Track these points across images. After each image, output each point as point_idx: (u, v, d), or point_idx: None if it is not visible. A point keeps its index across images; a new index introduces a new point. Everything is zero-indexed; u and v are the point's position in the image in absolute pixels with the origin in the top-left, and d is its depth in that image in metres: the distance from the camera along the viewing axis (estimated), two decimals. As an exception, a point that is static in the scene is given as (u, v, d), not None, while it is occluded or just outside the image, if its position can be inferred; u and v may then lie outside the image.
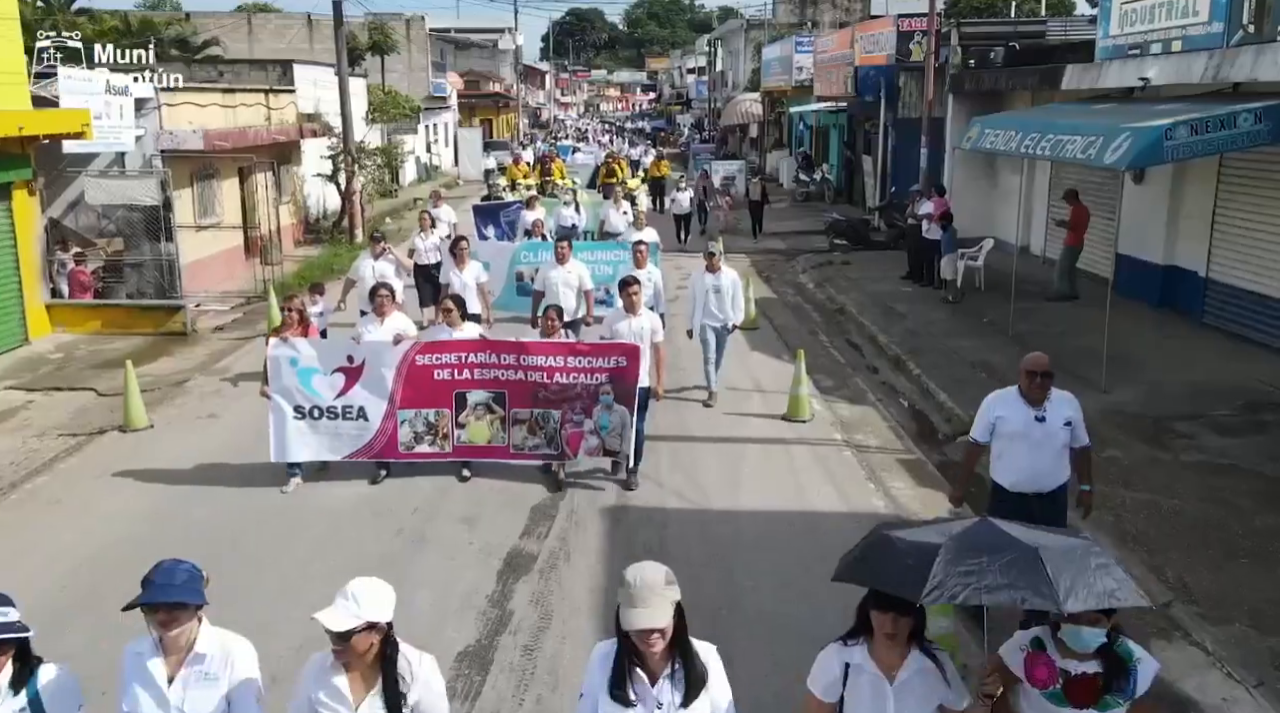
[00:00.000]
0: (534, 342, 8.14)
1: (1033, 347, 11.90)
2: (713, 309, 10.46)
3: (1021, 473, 5.82)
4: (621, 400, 7.99)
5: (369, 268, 11.02)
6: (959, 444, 9.55)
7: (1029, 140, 12.34)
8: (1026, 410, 5.76)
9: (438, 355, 8.04)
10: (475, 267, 11.19)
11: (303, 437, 8.15)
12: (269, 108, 22.42)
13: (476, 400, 8.14)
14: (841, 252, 20.09)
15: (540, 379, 8.02)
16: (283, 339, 8.13)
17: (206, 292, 18.33)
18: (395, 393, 8.08)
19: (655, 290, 10.69)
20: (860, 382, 11.79)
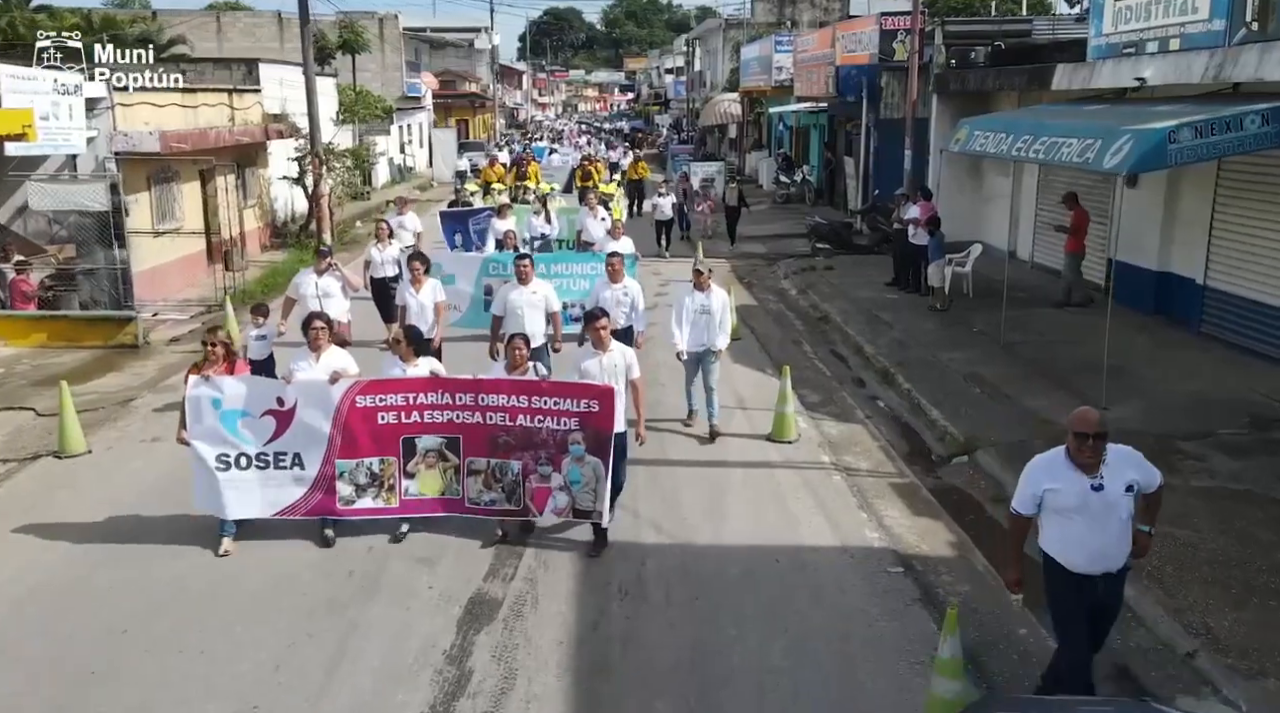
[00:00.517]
0: (493, 379, 7.14)
1: (1025, 357, 11.41)
2: (697, 331, 9.58)
3: (1084, 553, 4.92)
4: (595, 451, 6.94)
5: (311, 285, 10.03)
6: (954, 466, 9.05)
7: (1021, 143, 11.82)
8: (1080, 479, 4.87)
9: (382, 396, 7.07)
10: (432, 286, 10.10)
11: (230, 489, 7.11)
12: (233, 108, 21.65)
13: (427, 446, 7.16)
14: (824, 256, 19.55)
15: (500, 421, 7.05)
16: (204, 377, 7.09)
17: (165, 300, 17.57)
18: (333, 439, 7.08)
19: (632, 304, 9.89)
20: (847, 397, 11.23)
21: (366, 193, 33.59)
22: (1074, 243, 13.91)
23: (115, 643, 6.06)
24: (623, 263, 10.09)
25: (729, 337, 9.78)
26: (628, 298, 9.81)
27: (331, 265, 10.27)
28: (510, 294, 9.42)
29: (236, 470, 7.13)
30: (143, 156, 16.70)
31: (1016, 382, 10.92)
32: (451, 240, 16.96)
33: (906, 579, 6.78)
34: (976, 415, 9.98)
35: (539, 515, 7.22)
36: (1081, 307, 13.92)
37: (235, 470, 7.13)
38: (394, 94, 45.44)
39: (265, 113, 23.37)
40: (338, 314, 9.81)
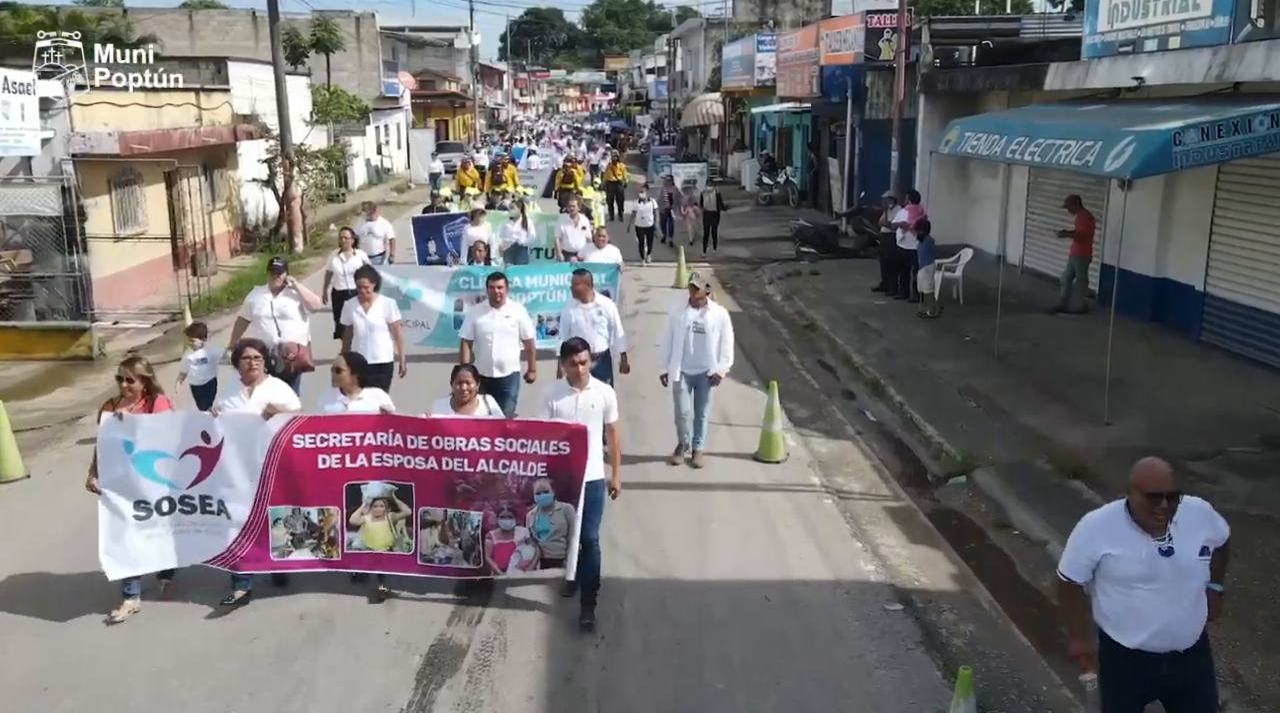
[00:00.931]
0: (451, 419, 6.30)
1: (1020, 367, 10.90)
2: (693, 353, 8.67)
3: (1148, 628, 4.10)
4: (565, 497, 6.15)
5: (266, 305, 9.05)
6: (951, 488, 8.55)
7: (1015, 145, 11.35)
8: (1145, 543, 4.06)
9: (323, 435, 6.23)
10: (384, 305, 9.07)
11: (146, 540, 6.29)
12: (200, 108, 20.96)
13: (374, 494, 6.31)
14: (809, 260, 19.06)
15: (459, 466, 6.20)
16: (116, 416, 6.21)
17: (127, 307, 16.93)
18: (266, 483, 6.26)
19: (609, 324, 8.99)
20: (837, 411, 10.72)
21: (342, 195, 32.89)
22: (1080, 247, 13.45)
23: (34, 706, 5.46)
24: (590, 282, 9.07)
25: (730, 360, 8.86)
26: (603, 318, 8.92)
27: (287, 282, 9.22)
28: (480, 318, 8.53)
29: (157, 517, 6.33)
30: (102, 158, 16.04)
31: (1013, 394, 10.44)
32: (424, 249, 16.20)
33: (906, 619, 6.26)
34: (973, 432, 9.49)
35: (502, 573, 6.40)
36: (1078, 313, 13.47)
37: (156, 517, 6.33)
38: (371, 94, 44.70)
39: (235, 113, 22.69)
40: (296, 336, 9.06)
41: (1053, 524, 7.42)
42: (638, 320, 14.72)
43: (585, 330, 8.52)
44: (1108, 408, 9.46)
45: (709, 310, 8.66)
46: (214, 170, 22.04)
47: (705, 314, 8.62)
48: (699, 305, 8.66)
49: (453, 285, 11.76)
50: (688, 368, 8.69)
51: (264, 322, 8.99)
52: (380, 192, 36.71)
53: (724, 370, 8.77)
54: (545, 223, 16.41)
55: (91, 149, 15.74)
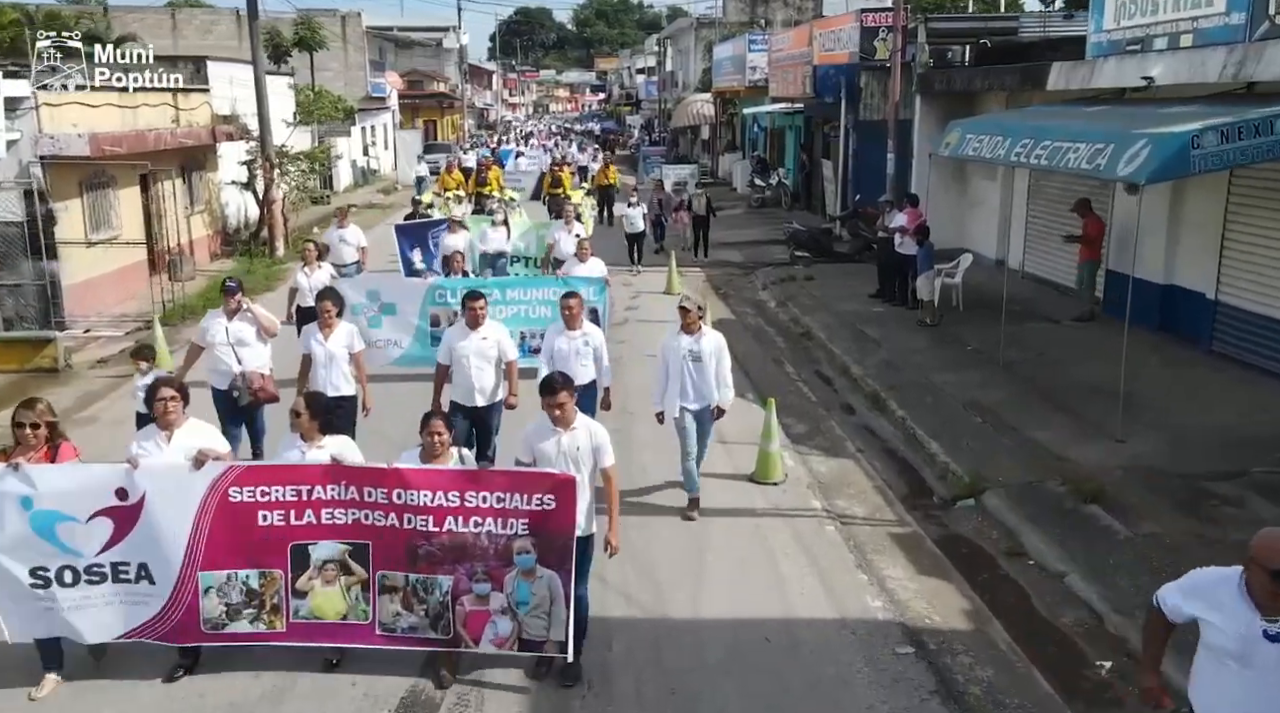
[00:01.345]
0: (414, 469, 5.41)
1: (1026, 379, 10.41)
2: (690, 385, 7.71)
3: (1233, 710, 3.63)
4: (549, 561, 5.30)
5: (221, 331, 8.16)
6: (960, 512, 8.07)
7: (1020, 148, 10.90)
8: (1250, 619, 3.51)
9: (265, 488, 5.36)
10: (347, 332, 8.14)
11: (51, 611, 5.43)
12: (177, 108, 20.38)
13: (325, 556, 5.44)
14: (803, 264, 18.60)
15: (423, 524, 5.32)
16: (12, 466, 5.28)
17: (99, 315, 16.37)
18: (196, 545, 5.39)
19: (595, 354, 8.08)
20: (836, 426, 10.24)
21: (326, 197, 32.35)
22: (1090, 252, 13.01)
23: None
24: (581, 305, 8.17)
25: (731, 391, 7.95)
26: (589, 348, 8.00)
27: (242, 305, 8.27)
28: (457, 341, 7.77)
29: (59, 589, 5.41)
30: (72, 161, 15.47)
31: (1020, 409, 9.98)
32: (408, 258, 15.39)
33: (919, 664, 5.77)
34: (980, 449, 9.02)
35: (474, 647, 5.51)
36: (1084, 321, 13.05)
37: (57, 589, 5.41)
38: (357, 94, 44.11)
39: (214, 114, 22.10)
40: (257, 365, 8.24)
41: (1070, 554, 6.97)
42: (628, 328, 14.24)
43: (569, 360, 7.80)
44: (1122, 424, 9.00)
45: (704, 335, 7.80)
46: (192, 172, 21.48)
47: (700, 340, 7.75)
48: (692, 331, 7.76)
49: (428, 300, 10.99)
50: (689, 402, 7.76)
51: (220, 349, 8.15)
52: (366, 193, 36.17)
53: (727, 402, 7.91)
54: (536, 231, 15.67)
55: (60, 151, 15.16)
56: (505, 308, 10.71)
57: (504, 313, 10.59)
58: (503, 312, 10.58)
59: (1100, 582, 6.54)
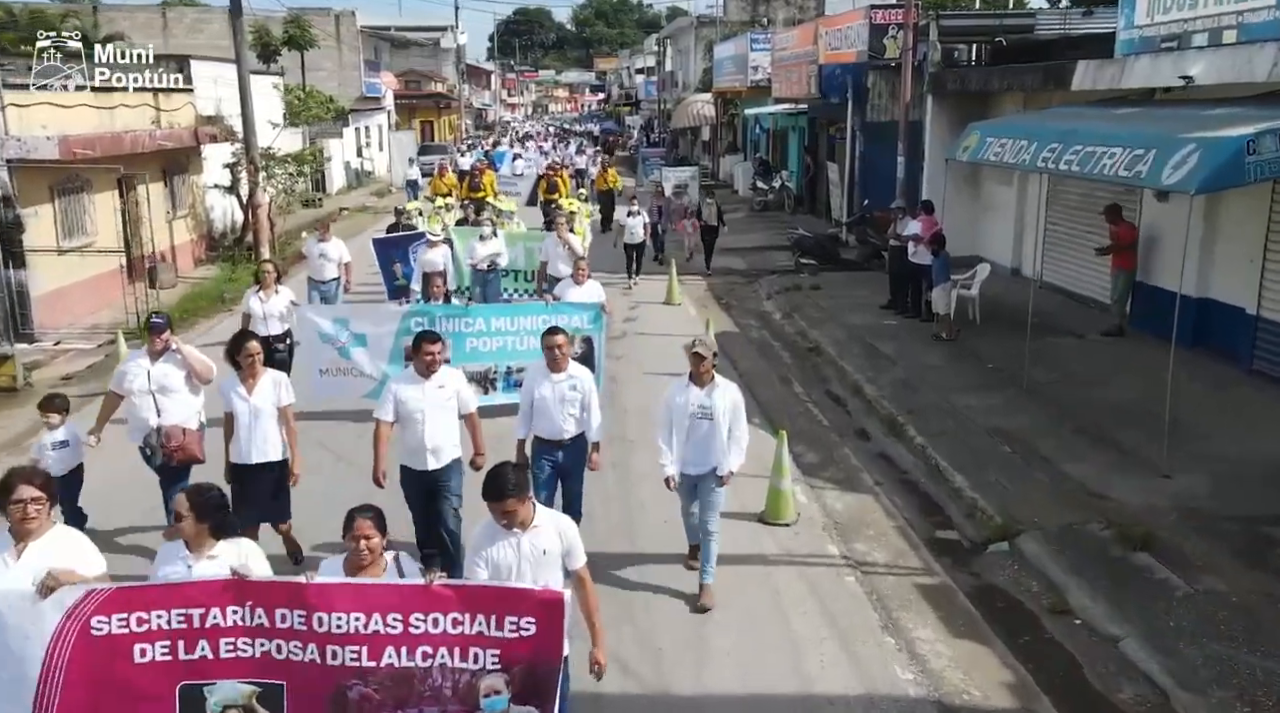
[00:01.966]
0: (343, 583, 4.15)
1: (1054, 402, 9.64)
2: (697, 447, 6.41)
3: None
4: (527, 699, 3.99)
5: (143, 376, 6.80)
6: (992, 557, 7.28)
7: (1048, 152, 10.11)
8: None
9: (141, 614, 4.03)
10: (273, 383, 6.69)
11: None
12: (159, 109, 19.60)
13: (225, 700, 4.11)
14: (809, 272, 17.81)
15: (354, 659, 4.00)
16: None
17: (72, 325, 15.62)
18: (47, 694, 4.01)
19: (584, 403, 6.68)
20: (850, 455, 9.44)
21: (318, 199, 31.57)
22: (1124, 260, 12.21)
23: None
24: (568, 344, 6.81)
25: (743, 454, 6.52)
26: (577, 394, 6.63)
27: (169, 345, 6.91)
28: (405, 390, 6.40)
29: None
30: (41, 164, 14.69)
31: (1051, 437, 9.18)
32: (389, 274, 14.13)
33: (960, 756, 4.99)
34: (1011, 484, 8.23)
35: None
36: (1113, 336, 12.27)
37: None
38: (352, 94, 43.37)
39: (198, 114, 21.33)
40: (181, 418, 6.82)
41: (1123, 613, 6.17)
42: (625, 342, 13.45)
43: (552, 410, 6.60)
44: (1167, 456, 8.21)
45: (717, 388, 6.39)
46: (175, 176, 20.72)
47: (713, 393, 6.35)
48: (704, 382, 6.40)
49: (403, 328, 9.65)
50: (690, 466, 6.45)
51: (139, 398, 6.79)
52: (359, 196, 35.37)
53: (736, 466, 6.45)
54: (524, 242, 14.60)
55: (28, 154, 14.43)
56: (490, 340, 9.79)
57: (488, 346, 9.75)
58: (487, 344, 9.75)
59: (1161, 649, 5.75)
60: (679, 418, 6.38)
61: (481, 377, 9.66)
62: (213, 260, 21.62)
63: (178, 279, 19.52)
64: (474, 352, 9.71)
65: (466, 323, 9.72)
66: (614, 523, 7.62)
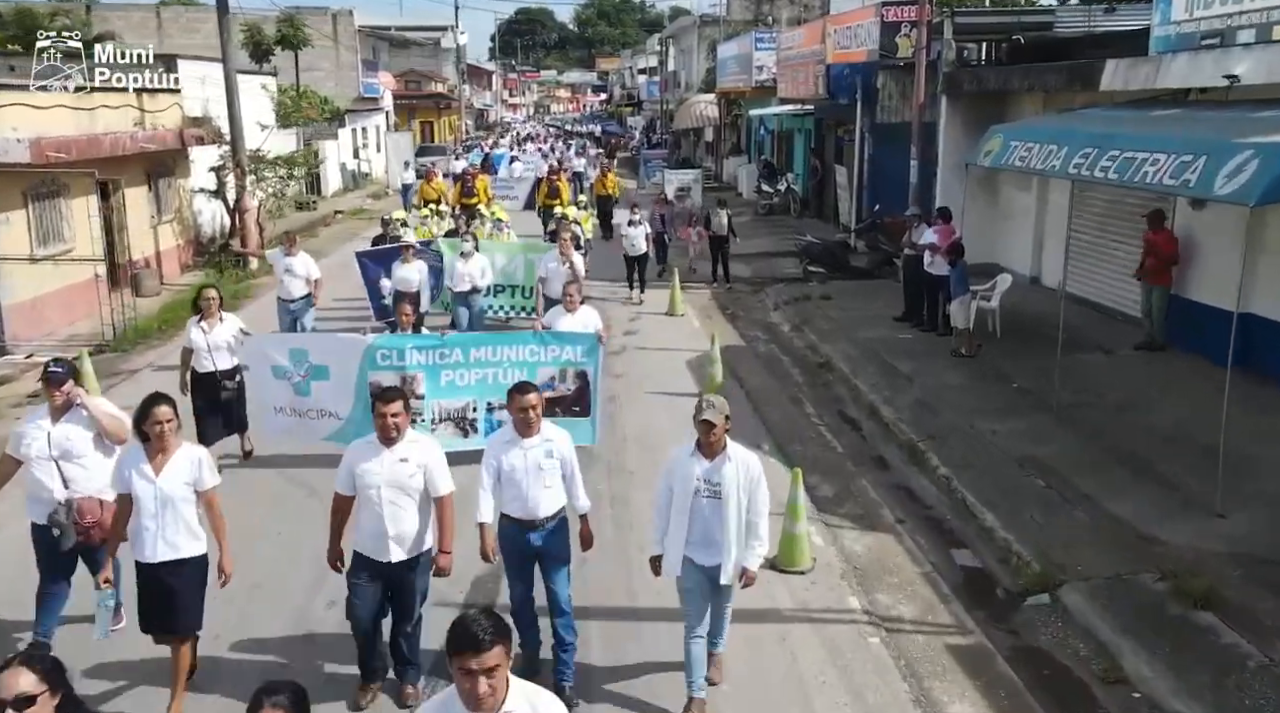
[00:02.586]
0: None
1: (1089, 428, 9.01)
2: (701, 530, 5.12)
3: None
4: None
5: (41, 437, 5.55)
6: (1032, 611, 6.52)
7: (1081, 158, 9.35)
8: None
9: None
10: (189, 461, 5.20)
11: None
12: (143, 110, 18.86)
13: None
14: (818, 280, 17.06)
15: None
16: None
17: (50, 336, 14.94)
18: None
19: (564, 470, 5.42)
20: (869, 487, 8.68)
21: (313, 202, 30.84)
22: (1162, 273, 11.44)
23: None
24: (540, 404, 5.36)
25: (764, 546, 5.30)
26: (554, 462, 5.35)
27: (73, 400, 5.63)
28: (363, 462, 5.15)
29: None
30: (11, 168, 13.97)
31: (1087, 469, 8.41)
32: (375, 291, 13.02)
33: None
34: (1049, 525, 7.48)
35: None
36: (1153, 351, 11.52)
37: None
38: (349, 94, 42.71)
39: (185, 115, 20.59)
40: (92, 487, 5.62)
41: (1188, 686, 5.42)
42: (625, 357, 12.71)
43: (522, 482, 5.30)
44: (1221, 493, 7.45)
45: (729, 459, 5.08)
46: (160, 179, 19.99)
47: (724, 466, 5.06)
48: (714, 452, 5.09)
49: (369, 361, 8.41)
50: (699, 553, 5.14)
51: (39, 466, 5.56)
52: (355, 198, 34.64)
53: (756, 564, 5.23)
54: (525, 254, 13.53)
55: (-1, 157, 13.72)
56: (469, 372, 8.63)
57: (466, 379, 8.64)
58: (465, 377, 8.64)
59: (1237, 735, 5.00)
60: (681, 490, 5.08)
61: (459, 415, 8.65)
62: (200, 266, 20.90)
63: (162, 286, 18.83)
64: (450, 386, 8.62)
65: (442, 354, 8.56)
66: (609, 573, 6.85)
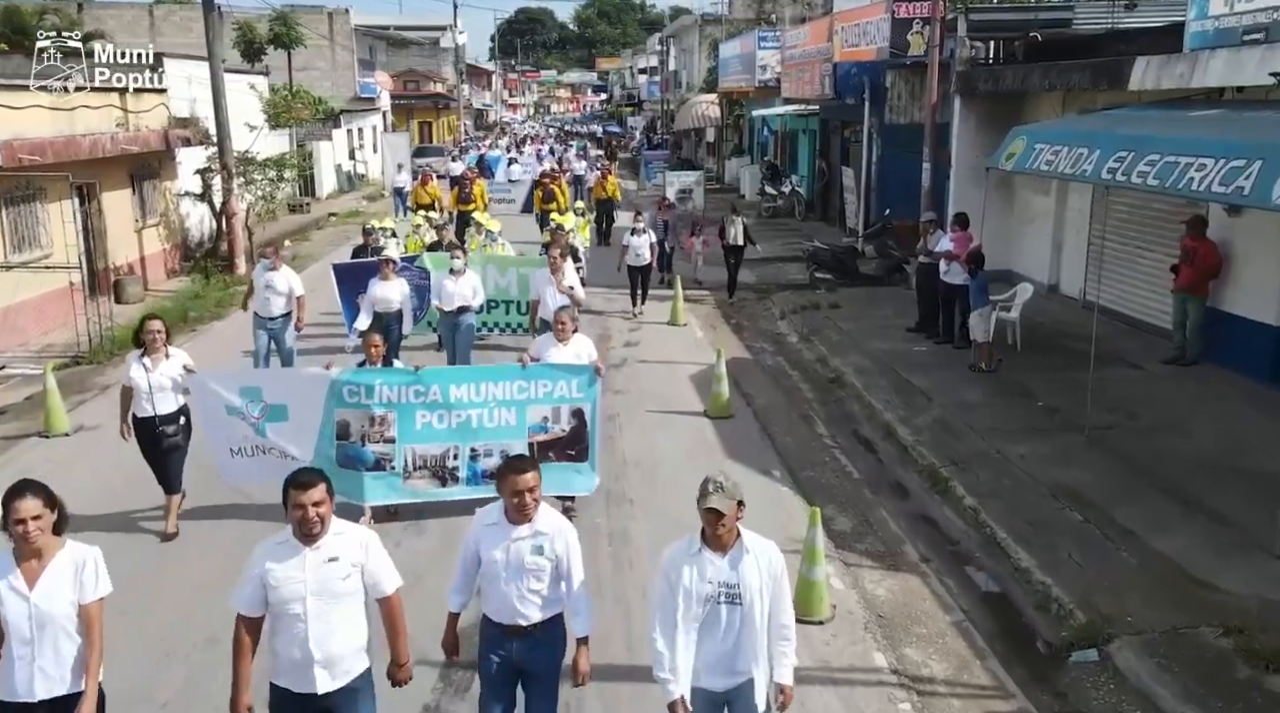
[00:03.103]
0: None
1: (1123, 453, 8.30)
2: (716, 645, 3.98)
3: None
4: None
5: None
6: (1078, 669, 5.85)
7: (1115, 162, 8.68)
8: None
9: None
10: (71, 564, 4.02)
11: None
12: (126, 110, 18.20)
13: None
14: (826, 287, 16.39)
15: None
16: None
17: (24, 346, 14.28)
18: None
19: (557, 570, 4.29)
20: (889, 519, 8.00)
21: (306, 205, 30.18)
22: (1199, 283, 10.76)
23: None
24: (537, 486, 4.23)
25: (794, 646, 4.13)
26: (545, 561, 4.24)
27: None
28: (278, 569, 3.96)
29: None
30: (-20, 172, 13.34)
31: (1128, 500, 7.74)
32: (352, 310, 11.62)
33: None
34: (1089, 565, 6.80)
35: None
36: (1186, 365, 10.86)
37: None
38: (346, 94, 42.06)
39: (171, 116, 19.94)
40: None
41: (1266, 767, 4.75)
42: (625, 372, 12.03)
43: (504, 580, 4.22)
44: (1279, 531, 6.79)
45: (746, 554, 3.95)
46: (145, 181, 19.33)
47: (740, 563, 3.93)
48: (723, 546, 3.95)
49: (334, 398, 7.37)
50: (711, 677, 4.01)
51: None
52: (350, 200, 33.96)
53: (790, 676, 4.09)
54: (518, 268, 12.36)
55: (-37, 161, 13.07)
56: (449, 413, 7.45)
57: (446, 421, 7.47)
58: (444, 419, 7.47)
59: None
60: (688, 597, 3.89)
61: (437, 463, 7.50)
62: (188, 271, 20.24)
63: (146, 293, 18.20)
64: (427, 429, 7.47)
65: (417, 392, 7.43)
66: (607, 622, 6.17)
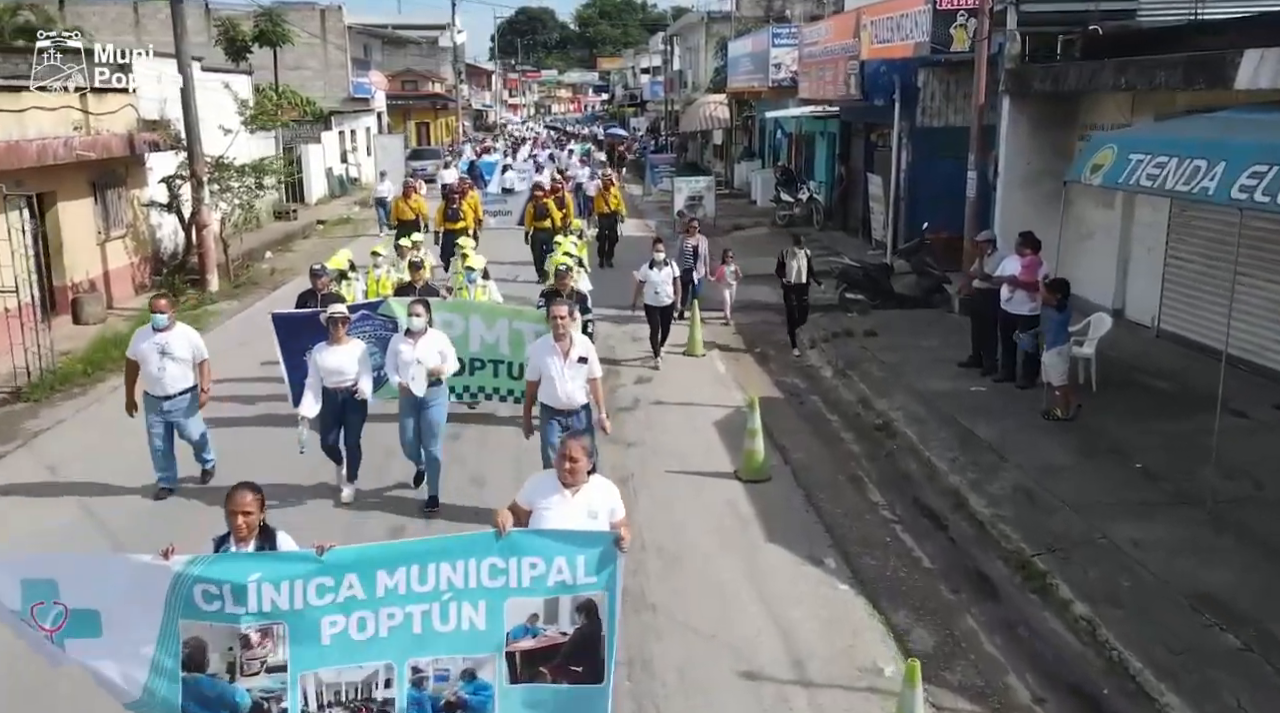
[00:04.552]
0: None
1: (1260, 537, 6.61)
2: None
3: None
4: None
5: None
6: None
7: (1249, 178, 7.02)
8: None
9: None
10: None
11: None
12: (86, 112, 16.55)
13: None
14: (858, 310, 14.71)
15: None
16: None
17: (-43, 378, 12.64)
18: None
19: None
20: (980, 634, 6.29)
21: (293, 211, 28.51)
22: None
23: None
24: None
25: None
26: None
27: None
28: None
29: None
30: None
31: (1288, 612, 6.07)
32: (296, 377, 8.69)
33: None
34: None
35: None
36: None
37: None
38: (339, 95, 40.47)
39: (140, 118, 18.28)
40: None
41: None
42: (638, 417, 10.35)
43: None
44: None
45: None
46: (110, 190, 17.67)
47: None
48: None
49: (178, 603, 4.18)
50: None
51: None
52: (341, 205, 32.29)
53: None
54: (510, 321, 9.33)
55: (-118, 170, 11.43)
56: (377, 615, 4.31)
57: (367, 630, 4.30)
58: (366, 627, 4.30)
59: None
60: None
61: (359, 695, 4.33)
62: (158, 286, 18.56)
63: (109, 311, 16.60)
64: (341, 643, 4.30)
65: (321, 587, 4.24)
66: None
